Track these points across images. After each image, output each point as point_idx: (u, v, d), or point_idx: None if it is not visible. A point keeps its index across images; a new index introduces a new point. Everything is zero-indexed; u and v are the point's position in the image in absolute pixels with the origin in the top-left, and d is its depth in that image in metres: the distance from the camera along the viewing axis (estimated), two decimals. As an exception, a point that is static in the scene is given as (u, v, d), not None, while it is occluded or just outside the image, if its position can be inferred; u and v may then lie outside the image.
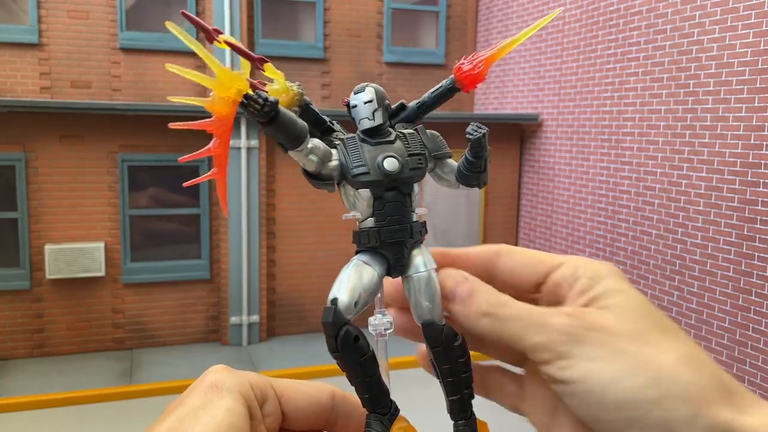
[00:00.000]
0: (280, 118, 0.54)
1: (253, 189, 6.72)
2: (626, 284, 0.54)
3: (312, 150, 0.57)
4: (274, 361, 6.33)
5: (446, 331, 0.56)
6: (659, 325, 0.51)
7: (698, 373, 0.47)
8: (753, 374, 4.63)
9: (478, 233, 7.63)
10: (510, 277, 0.59)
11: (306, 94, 0.60)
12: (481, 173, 0.59)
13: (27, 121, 6.11)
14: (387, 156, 0.58)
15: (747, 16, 4.61)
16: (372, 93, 0.59)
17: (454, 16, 8.00)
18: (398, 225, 0.58)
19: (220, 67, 0.53)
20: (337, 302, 0.55)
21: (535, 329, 0.51)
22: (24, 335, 6.28)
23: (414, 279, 0.57)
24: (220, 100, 0.53)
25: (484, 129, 0.56)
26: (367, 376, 0.56)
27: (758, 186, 4.57)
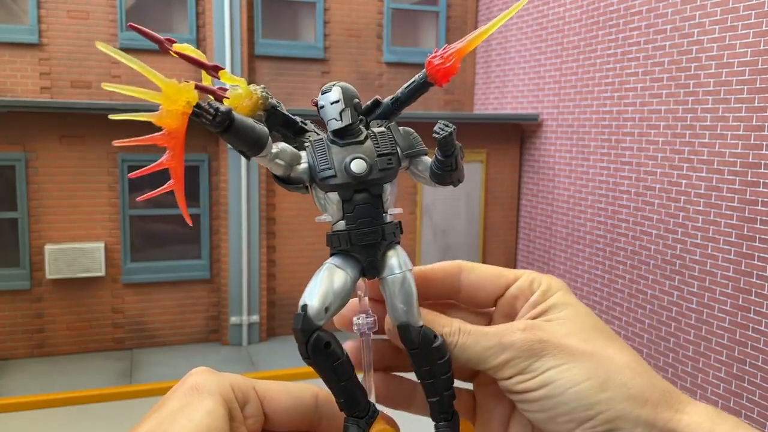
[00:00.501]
0: (235, 126, 0.53)
1: (253, 189, 6.72)
2: (573, 298, 0.59)
3: (277, 155, 0.56)
4: (274, 361, 6.33)
5: (423, 333, 0.55)
6: (604, 335, 0.56)
7: (642, 377, 0.53)
8: (753, 374, 4.63)
9: (478, 233, 7.63)
10: (472, 291, 0.61)
11: (272, 97, 0.58)
12: (452, 171, 0.57)
13: (27, 121, 6.11)
14: (354, 158, 0.57)
15: (747, 16, 4.61)
16: (339, 93, 0.59)
17: (454, 16, 8.00)
18: (369, 227, 0.57)
19: (163, 81, 0.52)
20: (307, 308, 0.55)
21: (495, 350, 0.54)
22: (24, 335, 6.28)
23: (388, 281, 0.57)
24: (169, 114, 0.52)
25: (451, 127, 0.55)
26: (341, 380, 0.56)
27: (758, 186, 4.57)
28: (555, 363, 0.53)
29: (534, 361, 0.53)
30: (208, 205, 6.75)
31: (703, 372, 5.06)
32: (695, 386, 5.13)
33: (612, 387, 0.52)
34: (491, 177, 7.54)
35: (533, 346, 0.53)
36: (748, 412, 4.68)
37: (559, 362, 0.53)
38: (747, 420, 4.67)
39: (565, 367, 0.52)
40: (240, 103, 0.57)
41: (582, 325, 0.56)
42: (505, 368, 0.54)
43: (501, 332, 0.55)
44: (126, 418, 5.19)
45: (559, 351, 0.53)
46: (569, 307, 0.58)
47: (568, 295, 0.59)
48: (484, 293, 0.61)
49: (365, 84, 7.63)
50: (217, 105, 0.52)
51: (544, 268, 7.13)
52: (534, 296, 0.59)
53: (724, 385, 4.87)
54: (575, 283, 6.60)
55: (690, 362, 5.18)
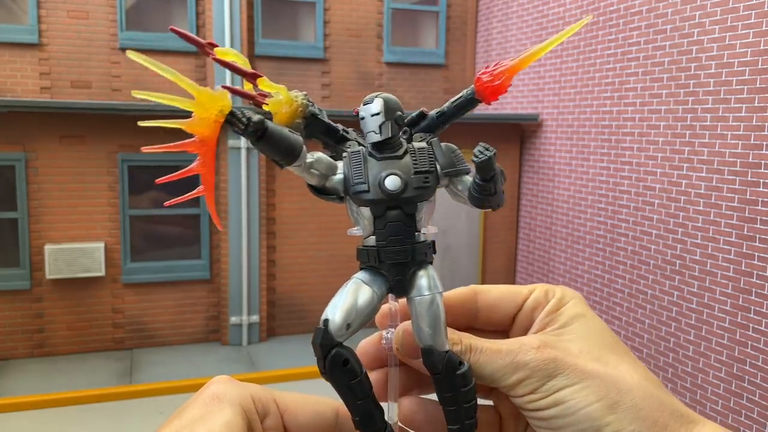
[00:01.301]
0: (268, 135, 0.52)
1: (253, 189, 6.72)
2: (587, 308, 0.59)
3: (312, 165, 0.56)
4: (274, 361, 6.33)
5: (448, 359, 0.54)
6: (616, 351, 0.57)
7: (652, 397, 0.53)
8: (753, 374, 4.63)
9: (478, 233, 7.63)
10: (489, 313, 0.61)
11: (313, 104, 0.57)
12: (491, 195, 0.55)
13: (27, 121, 6.11)
14: (390, 174, 0.55)
15: (747, 16, 4.61)
16: (380, 105, 0.56)
17: (454, 16, 8.00)
18: (399, 246, 0.55)
19: (197, 89, 0.52)
20: (328, 324, 0.54)
21: (508, 370, 0.54)
22: (24, 335, 6.28)
23: (416, 302, 0.55)
24: (201, 121, 0.51)
25: (492, 151, 0.53)
26: (358, 399, 0.54)
27: (758, 186, 4.57)
28: (567, 383, 0.53)
29: (547, 381, 0.53)
30: (208, 205, 6.74)
31: (704, 372, 5.05)
32: (695, 386, 5.13)
33: (622, 408, 0.52)
34: (491, 177, 7.53)
35: (547, 366, 0.53)
36: (748, 412, 4.68)
37: (572, 382, 0.53)
38: (747, 420, 4.68)
39: (577, 387, 0.53)
40: (280, 110, 0.56)
41: (594, 340, 0.56)
42: (518, 387, 0.54)
43: (514, 351, 0.54)
44: (126, 418, 5.19)
45: (572, 370, 0.53)
46: (582, 319, 0.58)
47: (582, 306, 0.59)
48: (501, 313, 0.61)
49: (365, 84, 7.63)
50: (250, 114, 0.52)
51: (544, 268, 7.14)
52: (548, 305, 0.59)
53: (724, 385, 4.87)
54: (575, 283, 6.60)
55: (690, 362, 5.18)
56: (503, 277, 7.73)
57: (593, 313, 0.59)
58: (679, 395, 5.27)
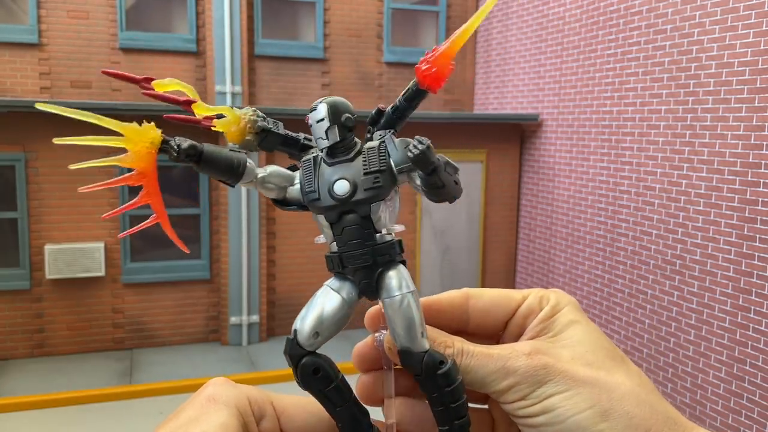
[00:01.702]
0: (204, 157, 0.53)
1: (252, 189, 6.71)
2: (582, 315, 0.58)
3: (265, 179, 0.56)
4: (274, 361, 6.33)
5: (427, 359, 0.52)
6: (610, 357, 0.55)
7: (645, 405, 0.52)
8: (753, 374, 4.63)
9: (478, 233, 7.63)
10: (481, 318, 0.60)
11: (264, 119, 0.57)
12: (440, 188, 0.53)
13: (27, 121, 6.11)
14: (338, 179, 0.54)
15: (747, 16, 4.61)
16: (324, 111, 0.55)
17: (454, 16, 8.00)
18: (359, 249, 0.54)
19: (122, 126, 0.53)
20: (297, 333, 0.54)
21: (498, 375, 0.53)
22: (24, 335, 6.28)
23: (386, 304, 0.54)
24: (135, 155, 0.53)
25: (425, 143, 0.50)
26: (336, 406, 0.54)
27: (758, 186, 4.57)
28: (558, 389, 0.52)
29: (537, 388, 0.52)
30: (208, 205, 6.75)
31: (704, 372, 5.05)
32: (695, 386, 5.13)
33: (614, 416, 0.51)
34: (491, 177, 7.54)
35: (537, 372, 0.53)
36: (748, 412, 4.68)
37: (562, 389, 0.52)
38: (747, 420, 4.68)
39: (568, 395, 0.52)
40: (228, 129, 0.56)
41: (589, 346, 0.55)
42: (508, 393, 0.53)
43: (505, 356, 0.54)
44: (126, 418, 5.19)
45: (563, 377, 0.52)
46: (576, 325, 0.57)
47: (576, 312, 0.58)
48: (493, 319, 0.60)
49: (365, 84, 7.63)
50: (180, 141, 0.53)
51: (544, 268, 7.14)
52: (542, 312, 0.58)
53: (725, 385, 4.87)
54: (575, 283, 6.60)
55: (690, 362, 5.18)
56: (503, 277, 7.73)
57: (588, 320, 0.58)
58: (679, 395, 5.27)
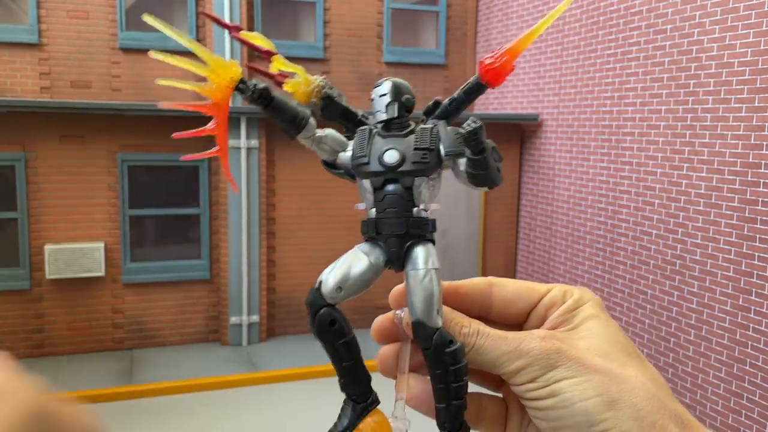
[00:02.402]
0: (274, 103, 0.58)
1: (253, 189, 6.72)
2: (603, 312, 0.59)
3: (322, 139, 0.60)
4: (274, 361, 6.33)
5: (438, 336, 0.54)
6: (626, 352, 0.56)
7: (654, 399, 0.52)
8: (753, 374, 4.63)
9: (478, 233, 7.63)
10: (503, 307, 0.62)
11: (331, 88, 0.61)
12: (483, 171, 0.56)
13: (27, 121, 6.11)
14: (389, 148, 0.58)
15: (747, 16, 4.61)
16: (388, 87, 0.59)
17: (454, 16, 8.00)
18: (395, 218, 0.57)
19: (211, 56, 0.56)
20: (321, 285, 0.58)
21: (511, 356, 0.54)
22: (24, 335, 6.28)
23: (410, 275, 0.56)
24: (214, 86, 0.57)
25: (478, 123, 0.53)
26: (343, 361, 0.57)
27: (758, 186, 4.57)
28: (567, 375, 0.52)
29: (547, 371, 0.53)
30: (208, 205, 6.75)
31: (704, 372, 5.05)
32: (695, 386, 5.13)
33: (621, 407, 0.51)
34: (491, 177, 7.53)
35: (549, 356, 0.53)
36: (748, 412, 4.68)
37: (572, 374, 0.52)
38: (747, 420, 4.68)
39: (577, 381, 0.52)
40: (297, 89, 0.61)
41: (605, 339, 0.56)
42: (519, 375, 0.54)
43: (519, 338, 0.55)
44: (126, 418, 5.19)
45: (574, 363, 0.53)
46: (596, 320, 0.57)
47: (598, 308, 0.59)
48: (516, 308, 0.61)
49: (365, 84, 7.63)
50: (257, 82, 0.58)
51: (544, 268, 7.14)
52: (564, 305, 0.59)
53: (725, 385, 4.87)
54: (575, 283, 6.60)
55: (690, 362, 5.18)
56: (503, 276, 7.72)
57: (609, 317, 0.59)
58: (679, 395, 5.27)
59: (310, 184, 6.93)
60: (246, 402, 5.54)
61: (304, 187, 6.93)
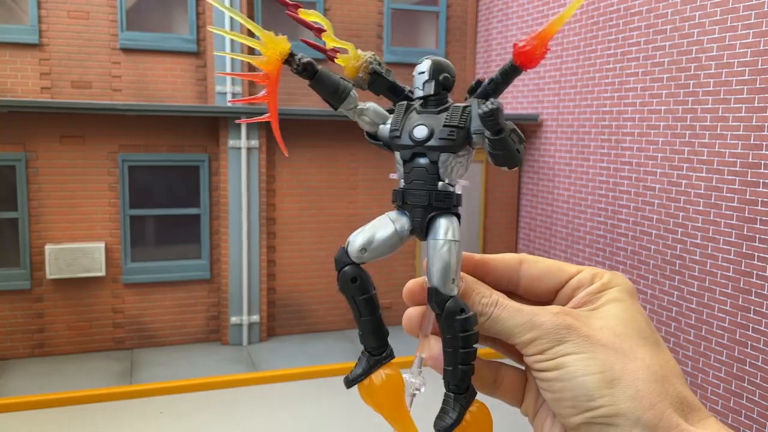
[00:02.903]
0: (318, 76, 0.62)
1: (253, 189, 6.72)
2: (630, 297, 0.59)
3: (363, 111, 0.64)
4: (274, 361, 6.33)
5: (450, 304, 0.58)
6: (642, 336, 0.57)
7: (658, 382, 0.53)
8: (753, 374, 4.63)
9: (478, 233, 7.63)
10: (532, 283, 0.64)
11: (380, 64, 0.65)
12: (501, 152, 0.57)
13: (27, 121, 6.11)
14: (420, 124, 0.61)
15: (747, 16, 4.62)
16: (427, 65, 0.63)
17: (454, 16, 8.00)
18: (419, 190, 0.61)
19: (263, 32, 0.62)
20: (348, 244, 0.61)
21: (524, 327, 0.57)
22: (24, 335, 6.29)
23: (431, 244, 0.60)
24: (266, 59, 0.62)
25: (497, 104, 0.55)
26: (362, 316, 0.62)
27: (758, 186, 4.57)
28: (574, 350, 0.54)
29: (556, 345, 0.55)
30: (208, 205, 6.75)
31: (703, 372, 5.06)
32: (695, 386, 5.13)
33: (621, 386, 0.52)
34: (491, 177, 7.54)
35: (559, 331, 0.55)
36: (748, 412, 4.68)
37: (579, 350, 0.54)
38: (747, 420, 4.68)
39: (582, 356, 0.54)
40: (348, 64, 0.65)
41: (624, 321, 0.57)
42: (530, 345, 0.56)
43: (534, 312, 0.57)
44: (126, 418, 5.19)
45: (583, 340, 0.55)
46: (619, 303, 0.59)
47: (625, 294, 0.59)
48: (544, 286, 0.63)
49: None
50: (303, 56, 0.63)
51: (544, 268, 7.13)
52: (591, 287, 0.61)
53: (724, 385, 4.87)
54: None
55: (690, 362, 5.18)
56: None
57: (635, 301, 0.59)
58: (679, 395, 5.27)
59: (310, 184, 6.93)
60: (246, 402, 5.55)
61: (304, 187, 6.94)
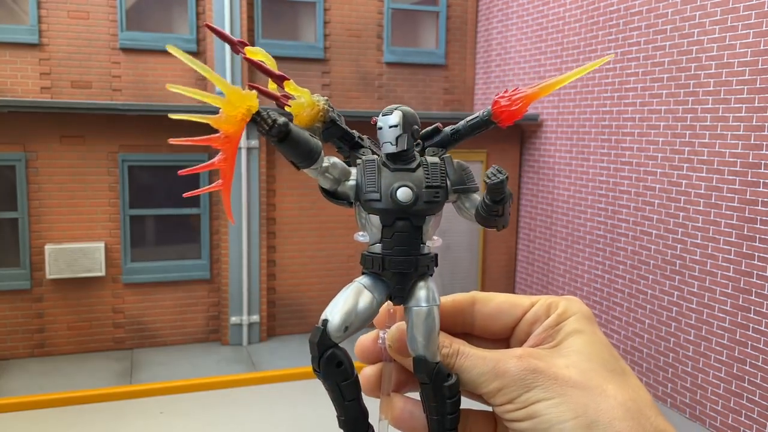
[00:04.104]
0: (290, 137, 0.54)
1: (253, 189, 6.72)
2: (589, 325, 0.57)
3: (327, 169, 0.57)
4: (274, 361, 6.33)
5: (438, 370, 0.55)
6: (608, 368, 0.54)
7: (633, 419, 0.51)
8: (753, 374, 4.63)
9: (478, 233, 7.63)
10: (486, 323, 0.61)
11: (333, 110, 0.59)
12: (499, 217, 0.57)
13: (27, 121, 6.11)
14: (402, 185, 0.56)
15: (747, 16, 4.62)
16: (399, 117, 0.57)
17: (454, 16, 8.00)
18: (404, 256, 0.57)
19: (228, 86, 0.52)
20: (327, 324, 0.55)
21: (489, 377, 0.54)
22: (24, 335, 6.29)
23: (413, 311, 0.56)
24: (228, 119, 0.53)
25: (504, 174, 0.54)
26: (346, 400, 0.57)
27: (758, 186, 4.57)
28: (545, 396, 0.52)
29: (525, 392, 0.52)
30: (208, 205, 6.75)
31: (704, 372, 5.06)
32: (695, 386, 5.13)
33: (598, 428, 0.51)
34: (491, 177, 7.53)
35: (526, 377, 0.53)
36: (748, 412, 4.68)
37: (550, 396, 0.52)
38: (747, 420, 4.68)
39: (554, 402, 0.51)
40: (301, 112, 0.58)
41: (588, 355, 0.55)
42: (497, 395, 0.54)
43: (496, 358, 0.54)
44: (126, 418, 5.19)
45: (552, 383, 0.52)
46: (580, 335, 0.56)
47: (583, 322, 0.57)
48: (500, 324, 0.61)
49: (365, 84, 7.63)
50: (276, 116, 0.53)
51: (544, 268, 7.14)
52: (548, 321, 0.58)
53: (725, 385, 4.87)
54: (575, 283, 6.60)
55: (690, 362, 5.18)
56: (503, 276, 7.73)
57: (595, 331, 0.57)
58: (679, 395, 5.28)
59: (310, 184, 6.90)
60: (246, 402, 5.55)
61: (304, 187, 6.93)
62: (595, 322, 0.58)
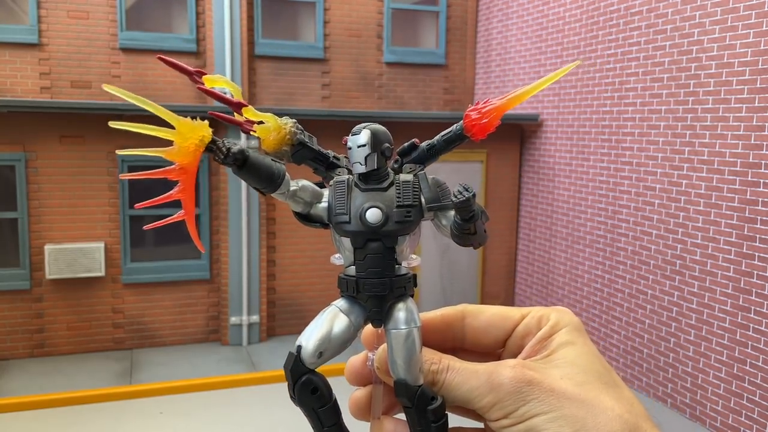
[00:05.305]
0: (248, 164, 0.53)
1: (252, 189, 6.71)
2: (580, 337, 0.57)
3: (296, 192, 0.56)
4: (273, 361, 6.33)
5: (420, 393, 0.54)
6: (602, 380, 0.54)
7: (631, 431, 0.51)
8: (753, 374, 4.63)
9: (478, 233, 7.63)
10: (477, 337, 0.60)
11: (302, 132, 0.57)
12: (471, 235, 0.55)
13: (27, 121, 6.11)
14: (371, 206, 0.55)
15: (747, 16, 4.61)
16: (367, 137, 0.56)
17: (454, 16, 8.00)
18: (378, 278, 0.55)
19: (177, 119, 0.52)
20: (301, 350, 0.54)
21: (482, 391, 0.53)
22: (24, 335, 6.28)
23: (392, 335, 0.55)
24: (181, 150, 0.53)
25: (471, 192, 0.52)
26: (324, 426, 0.55)
27: (758, 186, 4.57)
28: (541, 410, 0.51)
29: (521, 405, 0.51)
30: (208, 205, 6.75)
31: (704, 372, 5.05)
32: (695, 386, 5.13)
33: None
34: (491, 177, 7.54)
35: (521, 389, 0.51)
36: (748, 412, 4.68)
37: (546, 409, 0.51)
38: (747, 420, 4.68)
39: (552, 416, 0.51)
40: (267, 136, 0.57)
41: (582, 367, 0.54)
42: (492, 410, 0.52)
43: (489, 371, 0.53)
44: (126, 418, 5.19)
45: (548, 396, 0.51)
46: (572, 347, 0.56)
47: (574, 333, 0.57)
48: (491, 337, 0.60)
49: (365, 84, 7.63)
50: (230, 144, 0.53)
51: (544, 268, 7.14)
52: (539, 333, 0.57)
53: (725, 385, 4.87)
54: (575, 283, 6.60)
55: (690, 362, 5.18)
56: (503, 277, 7.73)
57: (586, 342, 0.57)
58: (679, 395, 5.27)
59: (310, 184, 6.92)
60: (246, 402, 5.54)
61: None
62: (586, 333, 0.58)
